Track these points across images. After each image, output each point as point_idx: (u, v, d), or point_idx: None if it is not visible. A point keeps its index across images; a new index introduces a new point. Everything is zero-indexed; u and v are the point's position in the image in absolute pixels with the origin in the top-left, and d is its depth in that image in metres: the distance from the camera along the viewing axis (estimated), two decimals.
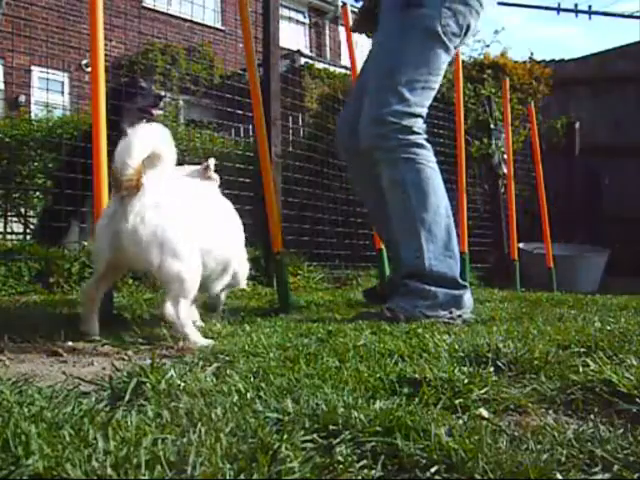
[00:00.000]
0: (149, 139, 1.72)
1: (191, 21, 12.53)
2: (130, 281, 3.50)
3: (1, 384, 1.12)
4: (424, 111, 2.41)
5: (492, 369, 1.27)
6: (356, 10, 3.01)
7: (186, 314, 1.75)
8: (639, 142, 7.06)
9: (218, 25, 12.97)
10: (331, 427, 0.91)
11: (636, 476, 0.76)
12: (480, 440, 0.85)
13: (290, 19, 14.87)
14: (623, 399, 1.06)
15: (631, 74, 7.55)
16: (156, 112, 4.19)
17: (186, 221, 1.76)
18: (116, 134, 3.78)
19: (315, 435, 0.87)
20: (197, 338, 1.72)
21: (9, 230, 5.65)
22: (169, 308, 1.71)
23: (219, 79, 9.82)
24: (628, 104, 7.46)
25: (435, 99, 6.23)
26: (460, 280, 2.30)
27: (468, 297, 2.30)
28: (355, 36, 3.91)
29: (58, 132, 5.36)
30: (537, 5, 13.30)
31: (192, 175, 2.18)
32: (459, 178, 4.33)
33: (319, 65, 10.96)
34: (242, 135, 5.83)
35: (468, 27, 2.46)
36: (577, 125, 7.11)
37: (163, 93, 4.38)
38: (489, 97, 6.29)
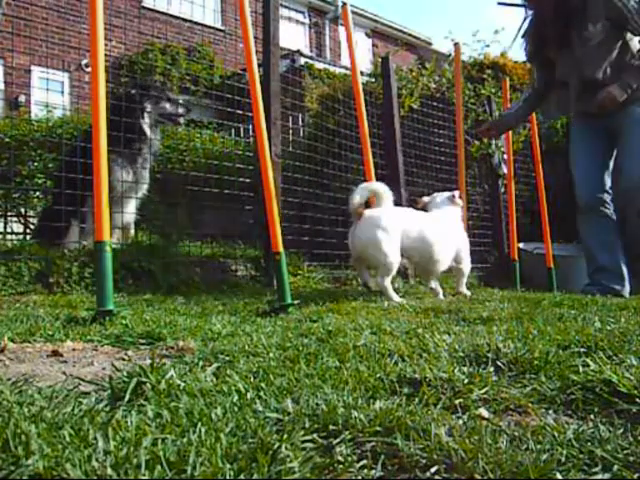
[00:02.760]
0: (362, 191, 3.15)
1: (191, 21, 12.53)
2: (130, 281, 3.50)
3: (1, 384, 1.12)
4: None
5: (492, 369, 1.28)
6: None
7: (388, 284, 3.10)
8: None
9: (218, 25, 12.97)
10: (331, 427, 0.91)
11: (636, 476, 0.76)
12: (480, 440, 0.85)
13: (290, 19, 14.87)
14: (623, 399, 1.06)
15: None
16: (182, 121, 4.50)
17: (384, 231, 3.07)
18: (138, 136, 3.91)
19: (315, 435, 0.88)
20: (395, 298, 3.06)
21: (9, 230, 5.65)
22: (379, 280, 3.10)
23: (219, 79, 9.82)
24: None
25: (435, 99, 6.24)
26: None
27: None
28: (355, 36, 3.94)
29: (58, 132, 5.36)
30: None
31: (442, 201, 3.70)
32: (459, 178, 4.33)
33: (319, 65, 10.97)
34: (242, 135, 5.83)
35: None
36: None
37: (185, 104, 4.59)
38: (489, 97, 6.29)
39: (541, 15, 3.67)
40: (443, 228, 3.49)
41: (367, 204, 3.35)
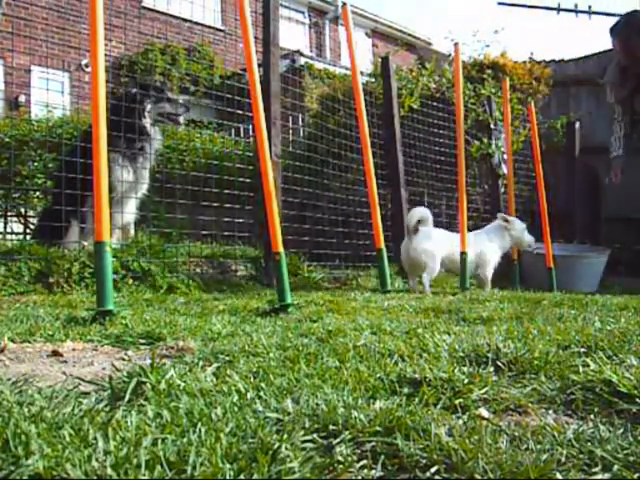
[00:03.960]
0: (418, 213, 4.08)
1: (191, 21, 12.51)
2: (130, 281, 3.50)
3: (1, 384, 1.12)
4: None
5: (492, 369, 1.28)
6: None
7: (429, 283, 4.01)
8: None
9: (218, 25, 12.96)
10: (331, 427, 0.91)
11: (636, 476, 0.76)
12: (480, 440, 0.85)
13: (290, 19, 14.86)
14: (623, 399, 1.06)
15: None
16: (183, 120, 4.53)
17: (433, 244, 4.06)
18: (140, 136, 3.92)
19: (315, 435, 0.88)
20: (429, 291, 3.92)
21: (9, 230, 5.65)
22: (425, 279, 3.99)
23: (219, 79, 9.82)
24: None
25: (435, 99, 6.24)
26: None
27: None
28: (355, 36, 3.95)
29: (58, 132, 5.36)
30: (537, 5, 13.26)
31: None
32: (459, 178, 4.33)
33: (319, 65, 10.96)
34: (242, 135, 5.83)
35: None
36: (577, 125, 7.10)
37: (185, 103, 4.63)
38: (489, 97, 6.29)
39: (632, 69, 4.16)
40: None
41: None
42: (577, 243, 6.30)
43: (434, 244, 4.05)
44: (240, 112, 4.34)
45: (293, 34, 14.38)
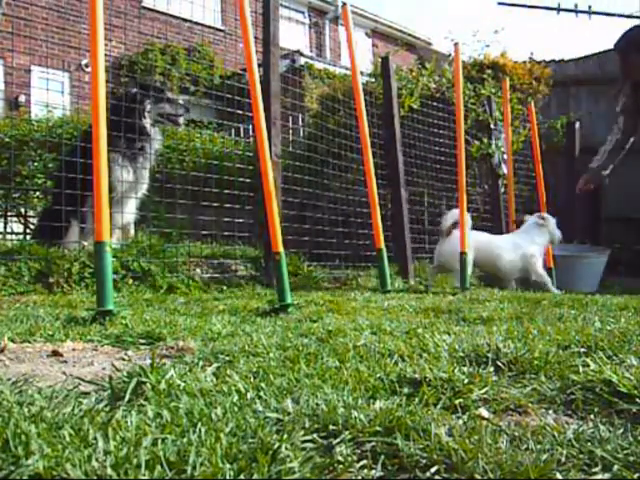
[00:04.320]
0: (453, 216, 4.24)
1: (191, 21, 12.51)
2: (130, 281, 3.50)
3: (1, 384, 1.12)
4: None
5: (492, 369, 1.28)
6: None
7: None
8: (639, 142, 7.03)
9: (218, 25, 12.96)
10: (331, 427, 0.91)
11: (636, 476, 0.76)
12: (480, 440, 0.85)
13: (290, 19, 14.86)
14: (623, 399, 1.06)
15: None
16: (182, 121, 4.54)
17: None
18: (140, 136, 3.93)
19: (315, 435, 0.88)
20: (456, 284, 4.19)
21: (9, 230, 5.65)
22: (455, 279, 4.23)
23: (219, 79, 9.82)
24: None
25: (435, 99, 6.24)
26: None
27: None
28: (355, 36, 3.95)
29: (58, 132, 5.36)
30: (537, 5, 13.27)
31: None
32: (459, 178, 4.33)
33: (319, 65, 10.96)
34: (242, 135, 5.83)
35: None
36: (577, 125, 7.10)
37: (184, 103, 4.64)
38: (489, 97, 6.29)
39: (631, 81, 4.28)
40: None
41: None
42: (577, 243, 6.30)
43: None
44: (240, 112, 4.34)
45: (293, 34, 14.37)
